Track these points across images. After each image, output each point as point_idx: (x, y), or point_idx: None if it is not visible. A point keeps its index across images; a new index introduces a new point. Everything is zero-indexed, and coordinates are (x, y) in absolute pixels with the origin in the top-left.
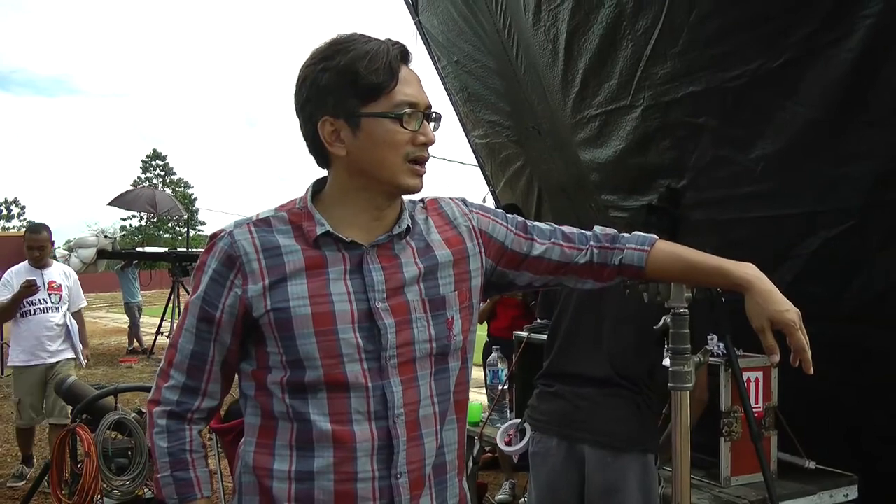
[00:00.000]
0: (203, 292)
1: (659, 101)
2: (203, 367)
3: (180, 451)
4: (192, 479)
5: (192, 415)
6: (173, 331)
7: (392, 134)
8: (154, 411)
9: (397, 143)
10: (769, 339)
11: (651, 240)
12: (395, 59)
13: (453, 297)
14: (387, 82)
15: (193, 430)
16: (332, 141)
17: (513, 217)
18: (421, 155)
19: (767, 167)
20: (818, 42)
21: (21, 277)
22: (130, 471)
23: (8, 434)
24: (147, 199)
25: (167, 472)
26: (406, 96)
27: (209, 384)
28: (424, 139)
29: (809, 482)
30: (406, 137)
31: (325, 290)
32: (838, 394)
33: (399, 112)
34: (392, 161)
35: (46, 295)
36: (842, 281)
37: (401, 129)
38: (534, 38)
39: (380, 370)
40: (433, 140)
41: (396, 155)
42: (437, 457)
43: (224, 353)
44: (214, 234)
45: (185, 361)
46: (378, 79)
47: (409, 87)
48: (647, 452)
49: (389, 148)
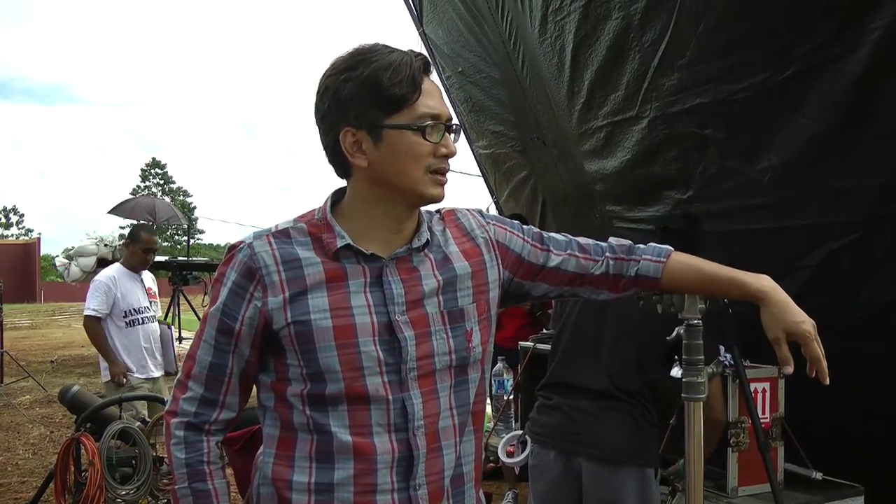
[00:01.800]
0: (223, 304)
1: (665, 112)
2: (221, 379)
3: (198, 462)
4: (210, 491)
5: (210, 426)
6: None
7: (415, 146)
8: (172, 422)
9: (420, 154)
10: (784, 351)
11: (667, 251)
12: (418, 70)
13: (472, 308)
14: (410, 94)
15: (211, 441)
16: (354, 152)
17: (528, 228)
18: (442, 166)
19: (773, 179)
20: (825, 55)
21: (123, 283)
22: (135, 480)
23: (8, 443)
24: (146, 208)
25: (185, 483)
26: (429, 108)
27: (227, 396)
28: (446, 151)
29: (816, 493)
30: (428, 149)
31: (345, 302)
32: (844, 405)
33: (422, 124)
34: (414, 172)
35: (148, 302)
36: (847, 293)
37: (423, 142)
38: (539, 49)
39: (400, 383)
40: (455, 152)
41: (418, 166)
42: (456, 468)
43: (243, 365)
44: (233, 245)
45: (203, 373)
46: (401, 90)
47: (432, 99)
48: (645, 466)
49: (412, 159)
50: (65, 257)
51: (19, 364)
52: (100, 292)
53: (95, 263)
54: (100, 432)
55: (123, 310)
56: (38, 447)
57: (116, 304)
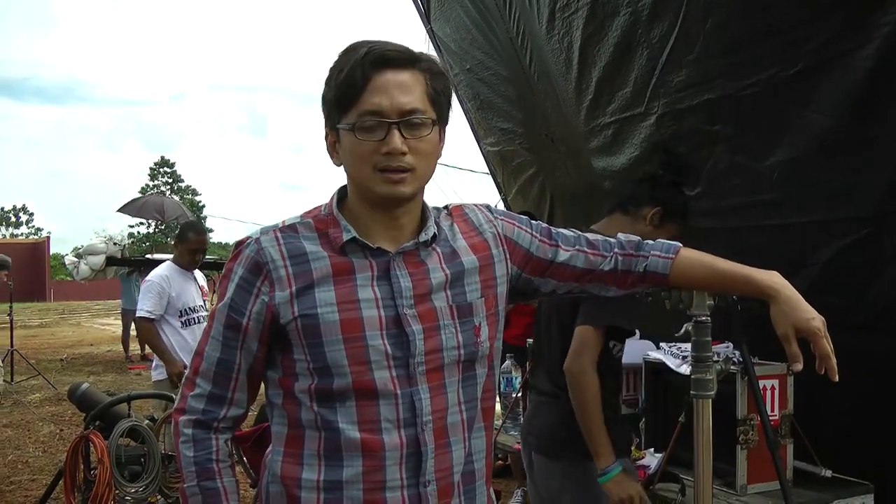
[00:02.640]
0: (230, 300)
1: (674, 108)
2: (229, 376)
3: (206, 460)
4: (220, 490)
5: (219, 423)
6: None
7: (356, 145)
8: (180, 420)
9: (361, 153)
10: (793, 347)
11: (675, 247)
12: (367, 66)
13: (480, 303)
14: (351, 93)
15: (220, 439)
16: (332, 152)
17: (537, 224)
18: (387, 164)
19: (782, 175)
20: (834, 50)
21: (177, 282)
22: (143, 478)
23: (19, 441)
24: (155, 207)
25: (193, 482)
26: (370, 105)
27: (235, 392)
28: (385, 149)
29: (825, 490)
30: (370, 147)
31: (353, 296)
32: (854, 402)
33: (361, 123)
34: (362, 171)
35: (202, 300)
36: (856, 290)
37: (362, 140)
38: (547, 46)
39: (408, 377)
40: (396, 149)
41: (365, 165)
42: (466, 465)
43: (251, 361)
44: (240, 241)
45: (211, 369)
46: (342, 90)
47: (379, 94)
48: (583, 457)
49: (356, 159)
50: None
51: (29, 362)
52: (153, 293)
53: (104, 262)
54: (109, 430)
55: (179, 309)
56: (49, 445)
57: (171, 303)
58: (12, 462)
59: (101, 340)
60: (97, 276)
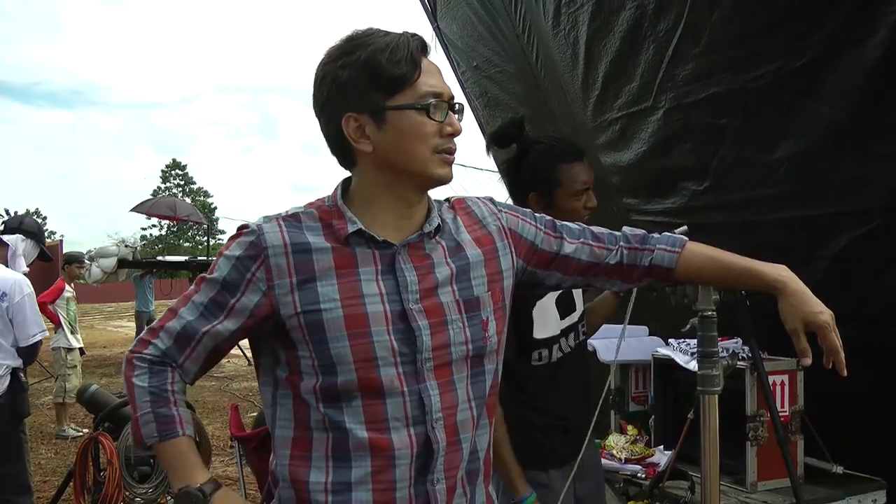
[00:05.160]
0: (224, 277)
1: (681, 102)
2: (189, 344)
3: (161, 390)
4: (175, 416)
5: (174, 369)
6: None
7: (419, 125)
8: (133, 357)
9: (426, 134)
10: (802, 342)
11: (682, 241)
12: (416, 49)
13: (487, 297)
14: (410, 73)
15: (176, 373)
16: (358, 137)
17: (541, 216)
18: (449, 146)
19: (790, 168)
20: (842, 41)
21: None
22: (153, 479)
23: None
24: (167, 205)
25: (147, 409)
26: (430, 87)
27: (187, 361)
28: (451, 129)
29: (837, 487)
30: (434, 128)
31: (357, 291)
32: (865, 397)
33: (425, 103)
34: (421, 153)
35: None
36: (867, 282)
37: (428, 121)
38: (553, 42)
39: (415, 374)
40: (460, 130)
41: (426, 147)
42: (471, 462)
43: (218, 340)
44: (243, 225)
45: (175, 330)
46: (401, 70)
47: (432, 77)
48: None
49: (418, 140)
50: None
51: (42, 365)
52: None
53: (116, 264)
54: (118, 431)
55: None
56: (60, 447)
57: None
58: None
59: (114, 342)
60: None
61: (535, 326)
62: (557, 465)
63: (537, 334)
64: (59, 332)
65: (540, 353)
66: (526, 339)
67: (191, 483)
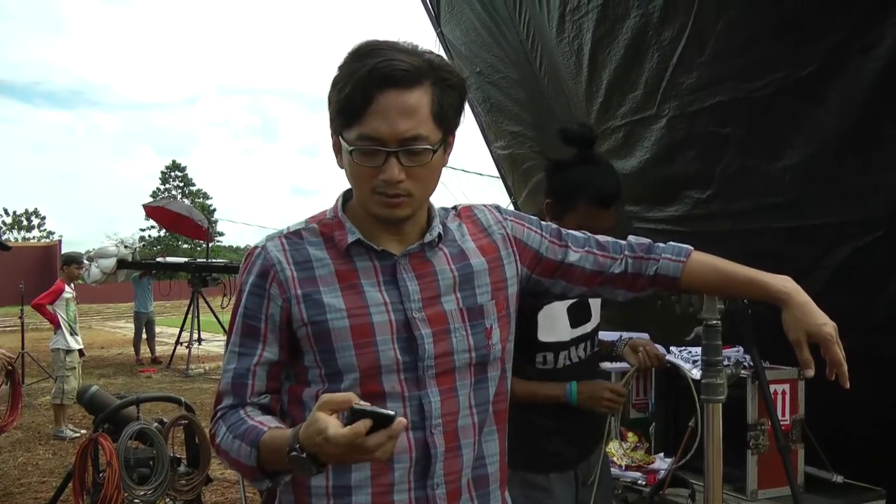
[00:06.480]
0: (244, 307)
1: (685, 110)
2: (245, 383)
3: (237, 422)
4: (254, 425)
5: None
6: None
7: (352, 166)
8: (212, 433)
9: (359, 175)
10: (805, 353)
11: (686, 250)
12: (371, 85)
13: (491, 305)
14: (352, 110)
15: (247, 407)
16: (337, 153)
17: (546, 224)
18: (384, 191)
19: (795, 177)
20: (846, 50)
21: None
22: (152, 480)
23: (29, 443)
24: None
25: (230, 440)
26: (370, 130)
27: (252, 396)
28: (383, 177)
29: (836, 496)
30: (368, 172)
31: (361, 301)
32: (867, 406)
33: (359, 147)
34: (360, 190)
35: None
36: (870, 292)
37: (357, 164)
38: (557, 49)
39: (417, 381)
40: (392, 179)
41: (364, 185)
42: (477, 468)
43: (269, 367)
44: (249, 252)
45: (229, 383)
46: (344, 106)
47: (379, 119)
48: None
49: (354, 178)
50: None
51: (40, 365)
52: None
53: (116, 264)
54: (118, 433)
55: None
56: (59, 447)
57: None
58: (22, 464)
59: (112, 343)
60: (108, 278)
61: (539, 329)
62: (558, 469)
63: (542, 337)
64: (57, 334)
65: (544, 357)
66: (530, 340)
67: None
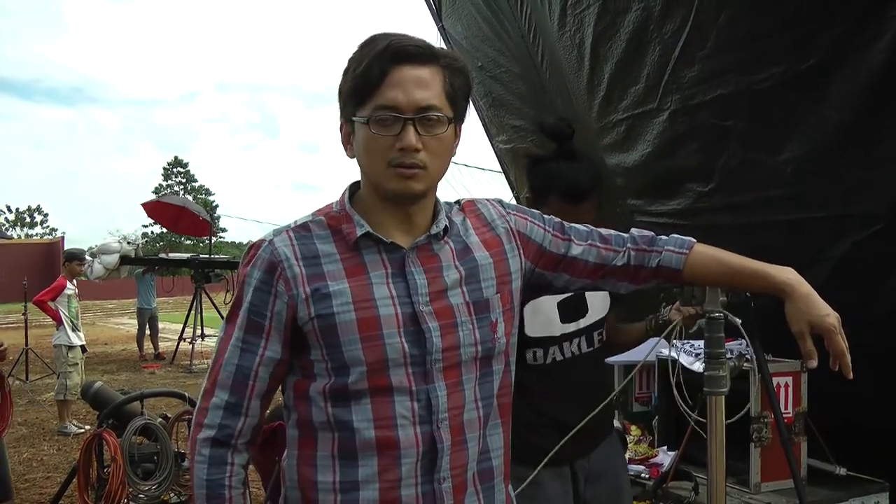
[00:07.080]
0: (249, 303)
1: (687, 104)
2: (246, 383)
3: (218, 485)
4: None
5: (237, 440)
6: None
7: (370, 139)
8: (197, 438)
9: (375, 148)
10: (808, 344)
11: (689, 242)
12: (385, 60)
13: (496, 299)
14: (369, 86)
15: (236, 462)
16: (346, 143)
17: (549, 218)
18: (401, 161)
19: (796, 170)
20: (848, 44)
21: None
22: (156, 475)
23: (34, 439)
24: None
25: (203, 497)
26: (387, 100)
27: (252, 400)
28: (400, 145)
29: (840, 489)
30: (385, 143)
31: (368, 294)
32: (869, 399)
33: (375, 116)
34: (375, 166)
35: None
36: (871, 285)
37: (375, 135)
38: (559, 43)
39: (424, 374)
40: (410, 146)
41: (378, 160)
42: (482, 462)
43: (271, 368)
44: (254, 244)
45: (229, 378)
46: (360, 82)
47: (397, 88)
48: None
49: (369, 153)
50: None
51: (44, 361)
52: None
53: (119, 261)
54: (122, 428)
55: None
56: (63, 443)
57: None
58: (27, 460)
59: (115, 339)
60: (111, 275)
61: (525, 324)
62: (549, 464)
63: (529, 332)
64: (60, 330)
65: (534, 353)
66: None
67: None
